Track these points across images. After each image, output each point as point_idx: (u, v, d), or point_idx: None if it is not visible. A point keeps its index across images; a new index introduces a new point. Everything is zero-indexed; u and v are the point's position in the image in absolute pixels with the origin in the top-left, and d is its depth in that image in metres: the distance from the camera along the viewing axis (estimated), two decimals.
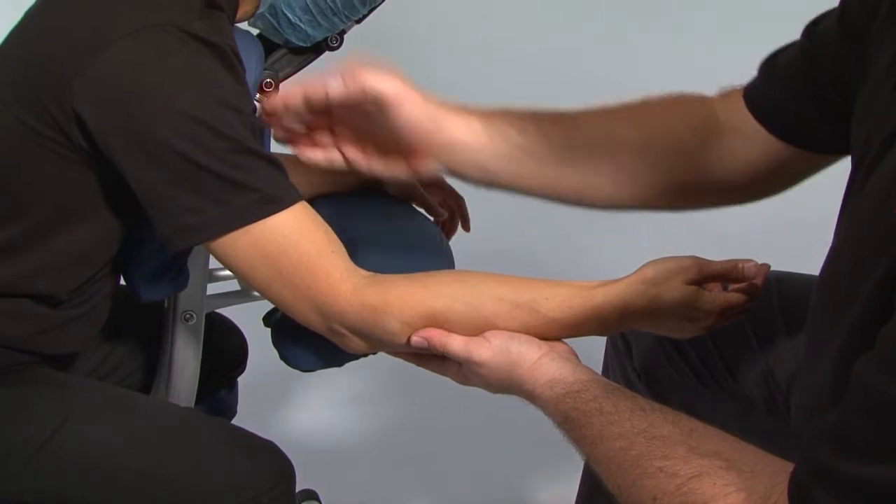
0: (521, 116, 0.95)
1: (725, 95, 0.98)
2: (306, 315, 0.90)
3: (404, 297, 0.87)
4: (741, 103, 0.95)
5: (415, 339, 0.87)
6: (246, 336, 1.44)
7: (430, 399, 1.66)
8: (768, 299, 1.03)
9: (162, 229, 0.90)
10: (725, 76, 1.01)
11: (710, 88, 1.00)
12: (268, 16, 1.07)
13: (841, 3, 0.86)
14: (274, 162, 0.90)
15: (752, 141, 0.94)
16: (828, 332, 0.69)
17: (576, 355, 0.86)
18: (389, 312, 0.87)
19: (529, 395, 0.83)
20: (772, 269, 1.05)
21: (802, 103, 0.90)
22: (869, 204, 0.67)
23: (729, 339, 1.02)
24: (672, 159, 0.96)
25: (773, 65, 0.94)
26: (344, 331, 0.89)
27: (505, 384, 0.86)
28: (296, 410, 1.96)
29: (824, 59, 0.87)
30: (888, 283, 0.60)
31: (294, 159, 1.28)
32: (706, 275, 0.89)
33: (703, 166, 0.96)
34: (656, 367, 1.10)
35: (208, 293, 1.22)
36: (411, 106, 0.90)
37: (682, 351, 1.08)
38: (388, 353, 0.94)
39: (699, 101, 0.99)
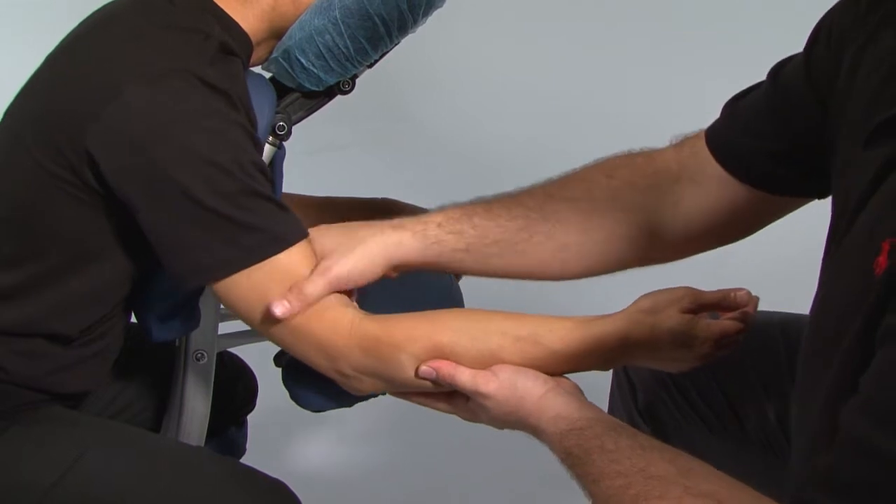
0: (478, 212, 0.98)
1: (681, 143, 1.01)
2: (309, 354, 0.92)
3: (408, 331, 0.89)
4: (699, 148, 0.97)
5: (423, 368, 0.88)
6: (255, 374, 1.45)
7: (439, 438, 1.66)
8: (772, 341, 1.04)
9: (171, 268, 0.92)
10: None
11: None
12: (281, 60, 1.09)
13: (805, 53, 0.88)
14: (281, 206, 0.93)
15: (710, 185, 0.96)
16: (817, 378, 0.70)
17: (581, 392, 0.87)
18: (395, 345, 0.88)
19: (534, 430, 0.84)
20: (776, 311, 1.06)
21: (763, 146, 0.92)
22: (849, 258, 0.70)
23: (733, 379, 1.03)
24: (627, 226, 0.99)
25: (736, 107, 0.97)
26: (350, 371, 0.91)
27: (511, 418, 0.86)
28: (305, 449, 1.96)
29: (789, 108, 0.89)
30: (867, 334, 0.62)
31: (297, 199, 1.30)
32: (700, 304, 0.91)
33: (661, 221, 0.99)
34: (660, 408, 1.10)
35: (219, 332, 1.23)
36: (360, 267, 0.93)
37: (685, 392, 1.08)
38: (396, 394, 0.95)
39: (645, 157, 1.01)
